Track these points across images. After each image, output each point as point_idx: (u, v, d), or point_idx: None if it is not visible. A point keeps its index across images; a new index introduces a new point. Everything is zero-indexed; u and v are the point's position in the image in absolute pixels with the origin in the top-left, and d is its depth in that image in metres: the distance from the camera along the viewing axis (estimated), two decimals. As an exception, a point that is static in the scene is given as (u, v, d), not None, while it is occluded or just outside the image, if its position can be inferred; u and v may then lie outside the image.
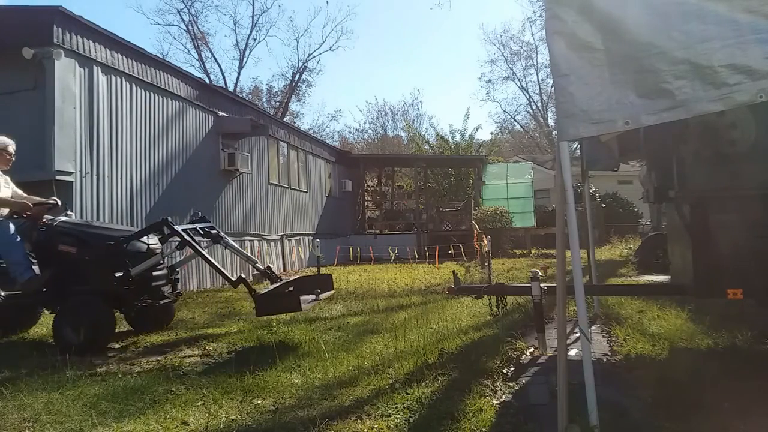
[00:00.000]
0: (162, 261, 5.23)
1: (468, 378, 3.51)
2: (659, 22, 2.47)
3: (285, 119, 28.51)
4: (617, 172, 7.15)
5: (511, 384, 3.55)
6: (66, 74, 7.41)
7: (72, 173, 7.42)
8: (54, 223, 4.99)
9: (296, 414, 3.05)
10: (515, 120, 44.96)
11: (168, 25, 51.18)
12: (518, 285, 5.30)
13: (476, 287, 5.23)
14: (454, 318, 5.61)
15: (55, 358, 4.03)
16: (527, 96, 42.82)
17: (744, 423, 2.70)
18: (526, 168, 21.58)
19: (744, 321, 4.68)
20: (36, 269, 4.77)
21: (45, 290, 4.85)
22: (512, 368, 3.89)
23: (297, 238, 14.99)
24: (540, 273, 4.38)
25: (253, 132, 12.07)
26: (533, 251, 17.32)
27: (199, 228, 5.43)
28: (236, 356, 4.50)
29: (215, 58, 55.21)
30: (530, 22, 42.09)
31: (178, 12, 36.88)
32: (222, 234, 5.56)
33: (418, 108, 52.43)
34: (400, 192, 25.07)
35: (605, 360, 4.07)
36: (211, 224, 5.59)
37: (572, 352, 3.96)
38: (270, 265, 5.70)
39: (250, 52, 55.74)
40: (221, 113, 11.36)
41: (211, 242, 5.58)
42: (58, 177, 7.16)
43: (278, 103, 38.82)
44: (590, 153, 5.38)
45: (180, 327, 5.71)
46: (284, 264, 13.85)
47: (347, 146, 37.51)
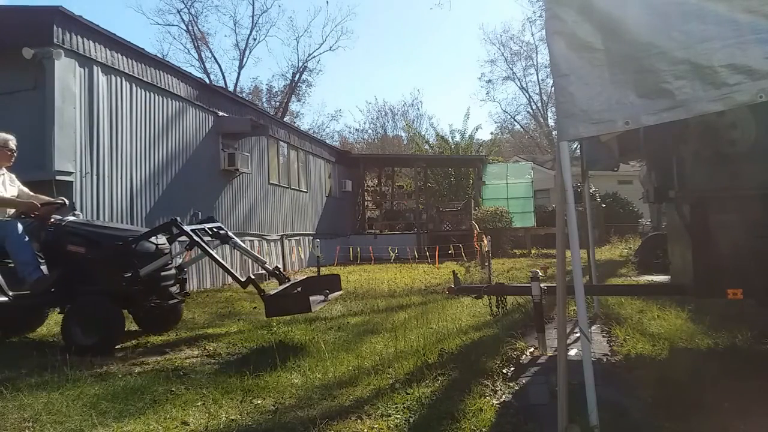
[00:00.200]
0: (170, 261, 5.21)
1: (468, 378, 3.51)
2: (659, 22, 2.47)
3: (285, 119, 28.51)
4: (617, 172, 7.15)
5: (511, 384, 3.55)
6: (66, 74, 7.41)
7: (72, 173, 7.41)
8: (62, 223, 4.96)
9: (296, 414, 3.05)
10: (515, 120, 45.06)
11: (168, 25, 51.32)
12: (518, 285, 5.30)
13: (476, 287, 5.23)
14: (454, 318, 5.60)
15: (55, 358, 4.02)
16: (527, 96, 42.92)
17: (744, 423, 2.70)
18: (526, 168, 21.58)
19: (744, 321, 4.68)
20: (44, 269, 4.75)
21: (53, 290, 4.81)
22: (512, 368, 3.89)
23: (297, 238, 14.99)
24: (540, 273, 4.38)
25: (253, 132, 12.06)
26: (533, 251, 17.32)
27: (208, 228, 5.40)
28: (236, 356, 4.50)
29: (215, 58, 55.33)
30: (530, 22, 42.19)
31: (178, 12, 37.00)
32: (230, 234, 5.52)
33: (418, 108, 52.56)
34: (400, 192, 25.05)
35: (605, 360, 4.07)
36: (219, 224, 5.55)
37: (572, 352, 3.96)
38: (278, 266, 5.68)
39: (250, 52, 55.83)
40: (221, 113, 11.36)
41: (220, 243, 5.56)
42: (58, 177, 7.15)
43: (278, 103, 38.84)
44: (590, 153, 5.38)
45: (180, 327, 5.71)
46: (284, 264, 13.85)
47: (347, 146, 37.51)
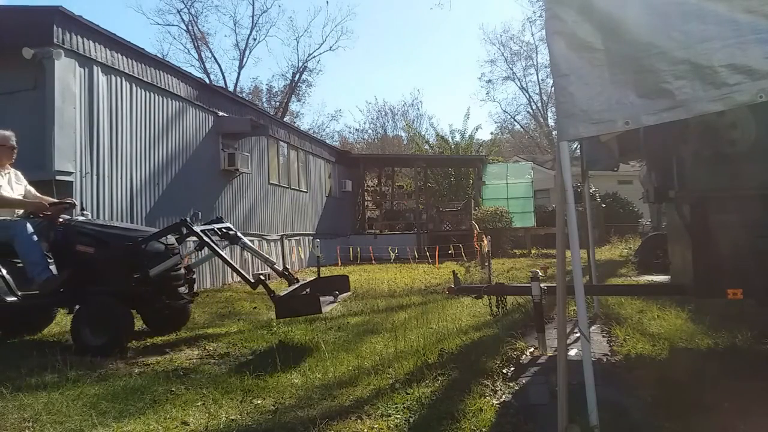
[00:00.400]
0: (180, 262, 5.19)
1: (468, 378, 3.51)
2: (659, 22, 2.47)
3: (285, 119, 28.49)
4: (617, 172, 7.16)
5: (511, 384, 3.55)
6: (66, 74, 7.41)
7: (72, 173, 7.41)
8: (72, 223, 4.94)
9: (296, 414, 3.05)
10: (515, 120, 45.03)
11: (168, 25, 51.41)
12: (518, 285, 5.30)
13: (476, 287, 5.23)
14: (454, 318, 5.61)
15: (55, 358, 4.02)
16: (527, 96, 42.89)
17: (744, 423, 2.70)
18: (526, 168, 21.57)
19: (744, 321, 4.68)
20: (53, 269, 4.74)
21: (62, 290, 4.80)
22: (512, 368, 3.89)
23: (297, 238, 14.99)
24: (540, 273, 4.38)
25: (253, 132, 12.05)
26: (533, 251, 17.32)
27: (217, 228, 5.39)
28: (236, 356, 4.50)
29: (215, 58, 55.37)
30: (530, 22, 42.14)
31: (178, 12, 36.98)
32: (239, 235, 5.50)
33: (418, 108, 52.45)
34: (400, 192, 25.04)
35: (605, 360, 4.07)
36: (229, 225, 5.53)
37: (572, 352, 3.96)
38: (287, 267, 5.66)
39: (250, 52, 55.85)
40: (221, 113, 11.36)
41: (229, 243, 5.54)
42: (58, 177, 7.15)
43: (278, 103, 38.84)
44: (590, 153, 5.38)
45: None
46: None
47: (347, 146, 37.49)
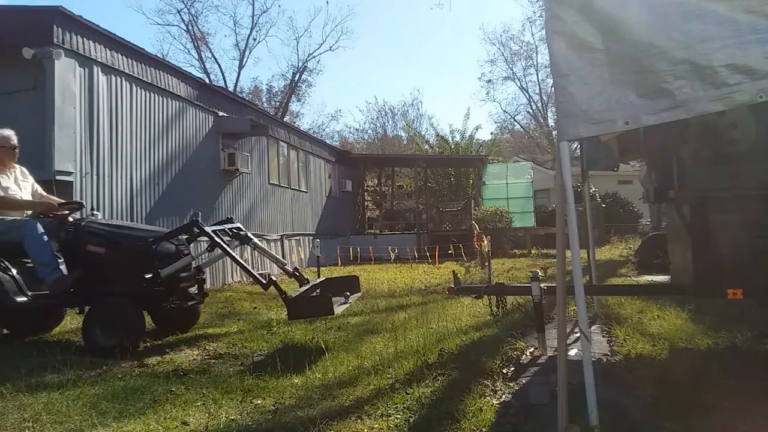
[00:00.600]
0: (191, 262, 5.17)
1: (468, 378, 3.51)
2: (659, 22, 2.47)
3: (285, 119, 28.48)
4: (617, 172, 7.16)
5: (511, 384, 3.55)
6: (66, 74, 7.41)
7: (72, 173, 7.41)
8: (82, 223, 4.92)
9: (296, 414, 3.05)
10: (515, 120, 45.02)
11: (168, 25, 51.34)
12: (518, 285, 5.30)
13: (476, 287, 5.23)
14: (454, 318, 5.61)
15: (55, 358, 4.02)
16: (527, 96, 42.88)
17: (744, 423, 2.70)
18: (526, 168, 21.57)
19: (744, 321, 4.68)
20: (63, 269, 4.73)
21: (72, 291, 4.78)
22: (512, 368, 3.89)
23: (297, 238, 14.99)
24: (540, 273, 4.38)
25: (253, 132, 12.05)
26: (533, 251, 17.32)
27: (227, 229, 5.37)
28: (236, 356, 4.50)
29: (215, 58, 55.29)
30: (530, 22, 42.10)
31: (178, 12, 36.94)
32: (250, 235, 5.48)
33: (418, 108, 52.44)
34: (400, 192, 25.02)
35: (605, 360, 4.07)
36: (239, 225, 5.51)
37: (572, 352, 3.96)
38: (297, 267, 5.65)
39: (250, 52, 55.78)
40: (221, 113, 11.36)
41: (240, 243, 5.52)
42: (58, 177, 7.15)
43: (278, 103, 38.83)
44: (590, 153, 5.38)
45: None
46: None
47: (347, 146, 37.49)
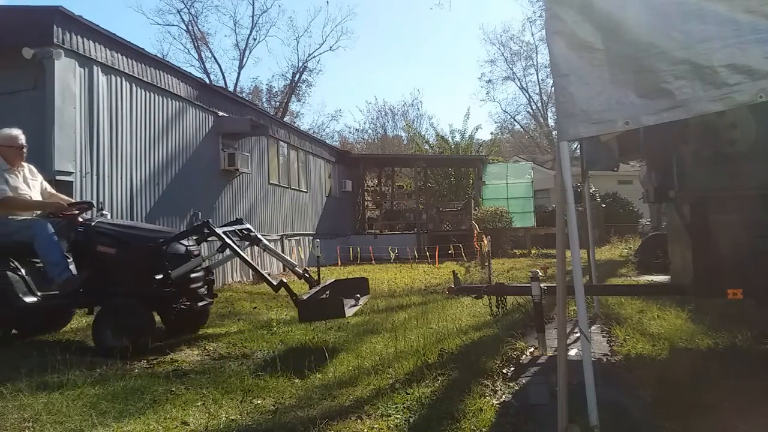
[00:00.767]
0: (201, 263, 5.14)
1: (468, 378, 3.51)
2: (659, 22, 2.47)
3: (285, 119, 28.48)
4: (617, 172, 7.16)
5: (511, 384, 3.55)
6: (66, 74, 7.40)
7: (72, 173, 7.40)
8: (92, 224, 4.91)
9: (296, 414, 3.05)
10: (515, 120, 45.01)
11: (168, 25, 51.25)
12: (518, 285, 5.31)
13: (476, 287, 5.23)
14: (454, 318, 5.61)
15: (55, 358, 4.02)
16: (527, 96, 42.86)
17: (744, 423, 2.70)
18: (526, 168, 21.57)
19: (744, 321, 4.68)
20: (73, 269, 4.72)
21: (82, 291, 4.77)
22: (512, 368, 3.90)
23: (297, 238, 14.99)
24: (540, 273, 4.39)
25: (253, 132, 12.05)
26: (533, 251, 17.32)
27: (237, 230, 5.37)
28: (236, 356, 4.50)
29: (215, 58, 55.26)
30: (530, 22, 42.09)
31: (178, 12, 36.91)
32: (260, 236, 5.47)
33: (418, 108, 52.43)
34: (400, 192, 25.02)
35: (605, 360, 4.07)
36: (249, 226, 5.49)
37: (572, 352, 3.96)
38: (306, 269, 5.63)
39: (250, 52, 55.79)
40: (221, 113, 11.35)
41: (249, 244, 5.51)
42: (58, 177, 7.14)
43: (278, 103, 38.81)
44: (590, 153, 5.38)
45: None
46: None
47: (347, 146, 37.48)
